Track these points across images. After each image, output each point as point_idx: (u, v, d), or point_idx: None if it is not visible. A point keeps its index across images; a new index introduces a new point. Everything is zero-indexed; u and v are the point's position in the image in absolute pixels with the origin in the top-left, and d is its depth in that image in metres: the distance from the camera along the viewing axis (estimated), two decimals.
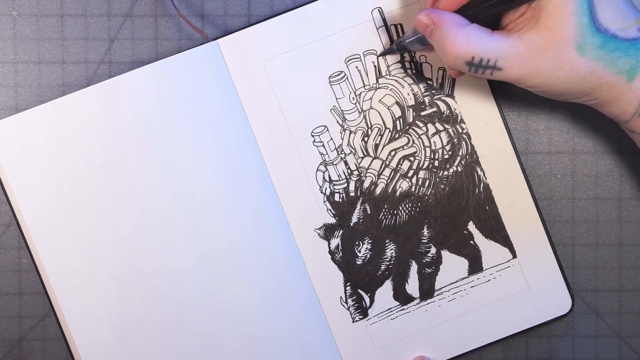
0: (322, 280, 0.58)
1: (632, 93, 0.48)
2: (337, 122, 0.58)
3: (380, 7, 0.57)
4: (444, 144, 0.58)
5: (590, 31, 0.47)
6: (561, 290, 0.58)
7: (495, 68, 0.47)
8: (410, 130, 0.58)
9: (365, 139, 0.58)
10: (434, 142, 0.58)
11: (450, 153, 0.58)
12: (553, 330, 0.60)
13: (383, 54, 0.58)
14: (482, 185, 0.58)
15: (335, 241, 0.58)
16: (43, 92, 0.59)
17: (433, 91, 0.58)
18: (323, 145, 0.58)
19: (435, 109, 0.58)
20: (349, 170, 0.58)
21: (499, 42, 0.47)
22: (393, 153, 0.58)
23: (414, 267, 0.58)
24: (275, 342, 0.58)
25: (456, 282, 0.58)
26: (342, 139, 0.58)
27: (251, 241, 0.58)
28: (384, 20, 0.57)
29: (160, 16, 0.59)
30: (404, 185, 0.58)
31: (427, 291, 0.58)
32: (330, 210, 0.58)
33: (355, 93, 0.58)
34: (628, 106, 0.49)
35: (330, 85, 0.58)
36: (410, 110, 0.58)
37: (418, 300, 0.59)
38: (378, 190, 0.58)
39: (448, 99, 0.58)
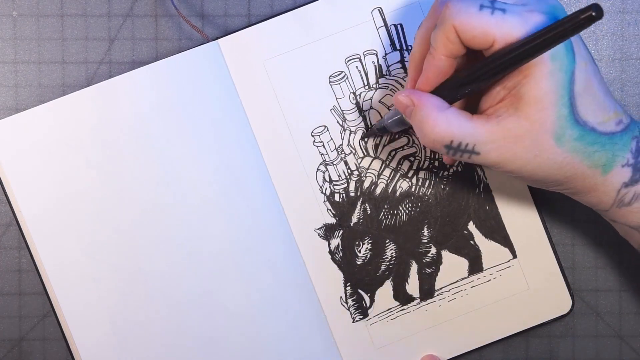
0: (322, 280, 0.58)
1: (608, 186, 0.48)
2: (337, 122, 0.58)
3: (380, 7, 0.57)
4: None
5: (569, 123, 0.46)
6: (561, 290, 0.58)
7: (473, 152, 0.47)
8: (410, 130, 0.58)
9: (366, 139, 0.58)
10: None
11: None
12: (553, 330, 0.60)
13: (364, 137, 0.58)
14: (482, 185, 0.58)
15: (335, 241, 0.58)
16: (43, 92, 0.59)
17: None
18: (323, 145, 0.58)
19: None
20: (349, 170, 0.58)
21: (477, 127, 0.47)
22: (393, 153, 0.58)
23: (414, 267, 0.58)
24: (275, 342, 0.58)
25: (456, 282, 0.58)
26: (342, 139, 0.58)
27: (251, 241, 0.58)
28: (384, 20, 0.58)
29: (160, 16, 0.59)
30: (404, 185, 0.58)
31: (427, 291, 0.59)
32: (330, 210, 0.58)
33: (355, 93, 0.58)
34: (605, 197, 0.49)
35: (330, 85, 0.58)
36: None
37: (418, 301, 0.59)
38: (378, 190, 0.58)
39: None
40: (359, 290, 0.59)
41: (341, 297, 0.58)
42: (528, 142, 0.46)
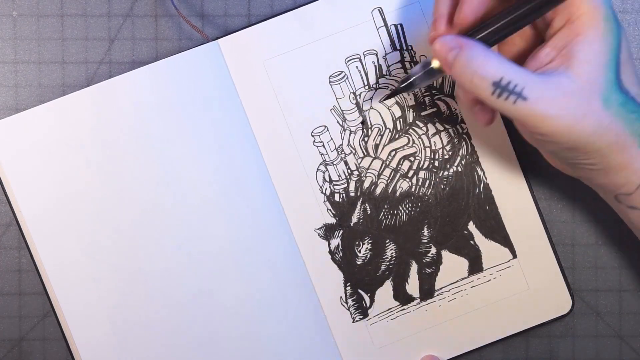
0: (322, 280, 0.58)
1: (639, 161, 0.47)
2: (337, 122, 0.58)
3: (381, 7, 0.57)
4: (444, 144, 0.58)
5: (615, 87, 0.46)
6: (561, 290, 0.58)
7: (520, 96, 0.45)
8: (411, 130, 0.58)
9: (366, 139, 0.58)
10: (434, 142, 0.58)
11: (450, 153, 0.58)
12: (553, 330, 0.60)
13: (388, 97, 0.57)
14: (482, 185, 0.58)
15: (335, 241, 0.58)
16: (43, 92, 0.59)
17: (433, 91, 0.58)
18: (323, 145, 0.58)
19: (435, 109, 0.58)
20: (349, 170, 0.58)
21: (528, 73, 0.46)
22: (393, 153, 0.58)
23: (414, 267, 0.58)
24: (275, 342, 0.58)
25: (456, 282, 0.58)
26: (342, 139, 0.58)
27: (251, 241, 0.58)
28: (384, 20, 0.57)
29: (160, 16, 0.59)
30: (404, 185, 0.58)
31: (427, 291, 0.58)
32: (330, 210, 0.58)
33: (355, 93, 0.58)
34: (633, 176, 0.48)
35: (330, 85, 0.58)
36: (411, 110, 0.58)
37: (418, 300, 0.59)
38: (378, 190, 0.58)
39: (448, 99, 0.58)
40: (359, 290, 0.59)
41: (341, 297, 0.58)
42: (578, 100, 0.45)
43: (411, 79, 0.52)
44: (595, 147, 0.47)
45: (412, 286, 0.59)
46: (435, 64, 0.50)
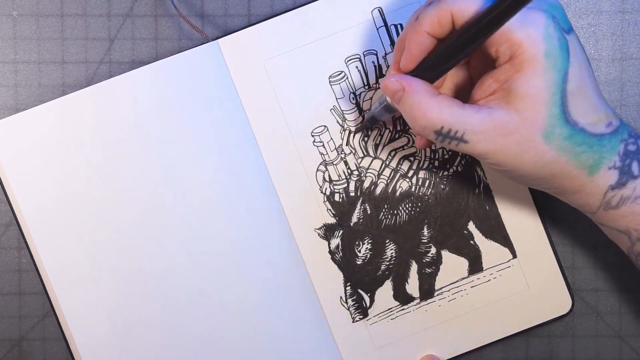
0: (322, 280, 0.58)
1: (594, 187, 0.48)
2: (337, 122, 0.58)
3: (380, 7, 0.57)
4: None
5: (560, 122, 0.46)
6: (561, 290, 0.58)
7: (462, 140, 0.47)
8: (410, 130, 0.58)
9: (365, 139, 0.58)
10: None
11: (450, 153, 0.58)
12: (553, 330, 0.60)
13: (357, 131, 0.58)
14: (482, 185, 0.58)
15: (335, 241, 0.58)
16: (43, 92, 0.59)
17: None
18: (323, 145, 0.58)
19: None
20: (349, 170, 0.58)
21: (468, 116, 0.46)
22: (393, 153, 0.58)
23: (414, 267, 0.58)
24: (275, 342, 0.58)
25: (456, 282, 0.58)
26: (342, 139, 0.58)
27: (251, 241, 0.58)
28: (384, 20, 0.58)
29: (160, 16, 0.59)
30: (404, 185, 0.58)
31: (427, 291, 0.59)
32: (330, 210, 0.58)
33: (355, 93, 0.58)
34: (591, 199, 0.49)
35: (330, 85, 0.58)
36: None
37: (418, 300, 0.59)
38: (378, 190, 0.58)
39: None
40: (359, 290, 0.59)
41: (341, 297, 0.58)
42: (517, 137, 0.46)
43: (372, 115, 0.55)
44: (541, 177, 0.48)
45: (412, 286, 0.59)
46: (389, 100, 0.51)
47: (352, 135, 0.58)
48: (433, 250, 0.58)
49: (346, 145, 0.58)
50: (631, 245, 0.50)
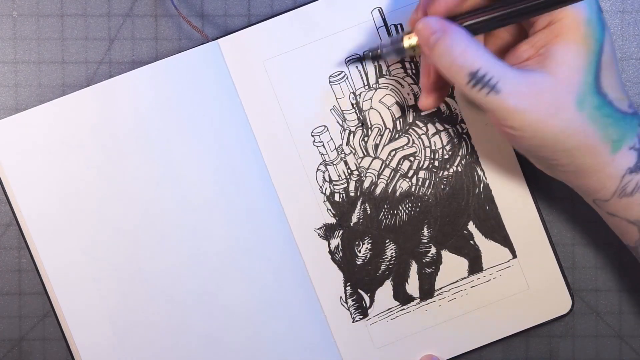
0: (322, 280, 0.58)
1: (614, 167, 0.47)
2: (337, 122, 0.58)
3: (380, 7, 0.57)
4: (444, 144, 0.58)
5: (592, 90, 0.46)
6: (561, 290, 0.58)
7: (494, 89, 0.45)
8: (410, 130, 0.58)
9: (365, 139, 0.58)
10: (434, 142, 0.58)
11: (450, 153, 0.58)
12: (553, 330, 0.60)
13: (350, 61, 0.57)
14: (482, 185, 0.58)
15: (335, 241, 0.58)
16: (43, 92, 0.59)
17: None
18: (323, 145, 0.58)
19: (435, 109, 0.58)
20: (349, 170, 0.58)
21: (505, 66, 0.46)
22: (393, 153, 0.58)
23: (414, 267, 0.58)
24: (275, 342, 0.58)
25: (456, 282, 0.58)
26: (342, 139, 0.58)
27: (251, 241, 0.58)
28: (384, 20, 0.58)
29: (160, 16, 0.59)
30: (404, 185, 0.58)
31: (427, 291, 0.58)
32: (330, 210, 0.58)
33: (355, 93, 0.58)
34: (609, 181, 0.48)
35: (330, 85, 0.58)
36: (410, 110, 0.58)
37: (418, 300, 0.59)
38: (378, 190, 0.58)
39: (448, 99, 0.58)
40: (359, 290, 0.59)
41: (341, 297, 0.58)
42: (550, 97, 0.45)
43: (378, 51, 0.52)
44: (564, 147, 0.47)
45: (412, 286, 0.59)
46: (406, 43, 0.49)
47: (352, 135, 0.58)
48: (433, 250, 0.58)
49: (346, 145, 0.58)
50: (639, 237, 0.50)
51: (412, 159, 0.58)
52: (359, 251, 0.58)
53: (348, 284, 0.58)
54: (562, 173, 0.50)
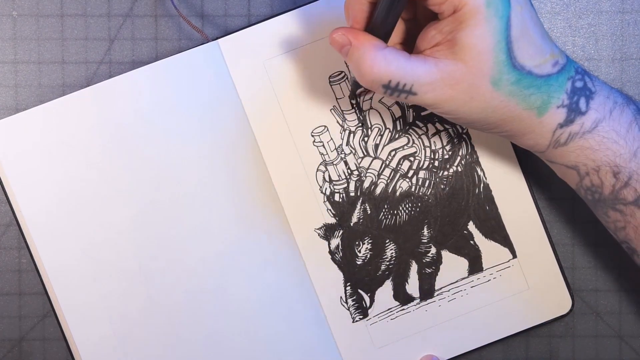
0: (322, 280, 0.58)
1: (543, 127, 0.49)
2: (337, 122, 0.58)
3: None
4: (444, 144, 0.58)
5: (507, 68, 0.47)
6: (561, 290, 0.58)
7: (410, 92, 0.47)
8: (410, 130, 0.58)
9: (365, 139, 0.58)
10: (434, 142, 0.58)
11: (450, 153, 0.58)
12: (553, 330, 0.60)
13: (351, 97, 0.58)
14: (482, 185, 0.58)
15: (335, 241, 0.58)
16: (43, 92, 0.59)
17: None
18: (323, 145, 0.58)
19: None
20: (349, 170, 0.58)
21: (415, 68, 0.47)
22: (393, 153, 0.58)
23: (414, 267, 0.58)
24: (275, 342, 0.58)
25: (456, 282, 0.58)
26: (342, 139, 0.58)
27: (250, 241, 0.58)
28: None
29: (160, 16, 0.59)
30: (404, 185, 0.58)
31: (427, 291, 0.59)
32: (330, 210, 0.58)
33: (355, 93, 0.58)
34: (541, 139, 0.50)
35: (330, 85, 0.58)
36: (410, 110, 0.58)
37: (418, 300, 0.59)
38: (378, 190, 0.58)
39: None
40: (359, 290, 0.59)
41: (341, 297, 0.58)
42: (465, 86, 0.47)
43: (353, 78, 0.54)
44: (491, 122, 0.49)
45: (412, 286, 0.59)
46: None
47: (352, 135, 0.58)
48: (433, 250, 0.58)
49: (346, 145, 0.58)
50: (580, 180, 0.51)
51: (412, 159, 0.58)
52: (359, 251, 0.58)
53: (348, 284, 0.58)
54: (499, 136, 0.51)
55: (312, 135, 0.58)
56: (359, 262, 0.58)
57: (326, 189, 0.58)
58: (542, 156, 0.52)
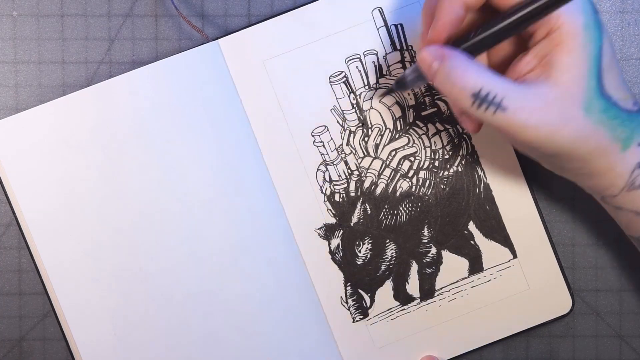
0: (322, 280, 0.58)
1: (624, 165, 0.48)
2: (338, 122, 0.58)
3: (381, 7, 0.57)
4: (444, 144, 0.58)
5: (597, 94, 0.46)
6: (561, 290, 0.58)
7: (499, 107, 0.46)
8: (411, 130, 0.58)
9: (366, 139, 0.58)
10: (434, 142, 0.58)
11: (450, 153, 0.58)
12: (553, 330, 0.60)
13: (383, 95, 0.57)
14: (482, 185, 0.58)
15: (336, 241, 0.58)
16: (43, 92, 0.59)
17: (433, 91, 0.58)
18: (323, 145, 0.58)
19: (435, 109, 0.58)
20: (349, 170, 0.58)
21: (508, 83, 0.46)
22: (393, 153, 0.58)
23: (414, 267, 0.58)
24: (275, 342, 0.58)
25: (456, 282, 0.58)
26: (343, 139, 0.58)
27: (251, 241, 0.58)
28: (384, 20, 0.58)
29: (160, 16, 0.59)
30: (404, 185, 0.58)
31: (428, 291, 0.59)
32: (330, 210, 0.58)
33: (355, 93, 0.58)
34: (618, 179, 0.48)
35: (331, 85, 0.58)
36: (411, 110, 0.58)
37: (418, 300, 0.59)
38: (378, 190, 0.58)
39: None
40: (359, 290, 0.59)
41: (341, 297, 0.58)
42: (558, 109, 0.46)
43: (403, 80, 0.53)
44: (578, 154, 0.47)
45: (413, 286, 0.59)
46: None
47: (352, 135, 0.58)
48: (433, 250, 0.58)
49: (346, 145, 0.58)
50: None
51: (412, 159, 0.58)
52: (359, 251, 0.58)
53: (348, 284, 0.58)
54: (573, 175, 0.50)
55: (312, 135, 0.58)
56: (359, 262, 0.58)
57: (326, 189, 0.58)
58: (612, 201, 0.50)
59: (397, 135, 0.58)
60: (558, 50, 0.46)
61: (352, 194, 0.58)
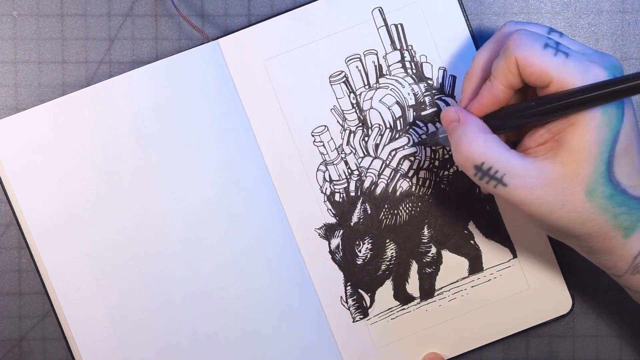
0: (322, 280, 0.58)
1: (626, 250, 0.47)
2: (338, 122, 0.58)
3: (381, 7, 0.57)
4: None
5: (603, 180, 0.46)
6: (561, 290, 0.58)
7: (500, 182, 0.46)
8: (411, 130, 0.58)
9: (366, 138, 0.58)
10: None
11: (450, 153, 0.58)
12: (553, 330, 0.60)
13: (418, 144, 0.58)
14: None
15: (336, 241, 0.58)
16: (43, 92, 0.59)
17: (433, 91, 0.58)
18: (323, 145, 0.58)
19: (435, 109, 0.58)
20: (349, 170, 0.58)
21: (512, 159, 0.46)
22: (393, 153, 0.58)
23: (414, 266, 0.58)
24: (275, 342, 0.58)
25: (456, 282, 0.58)
26: (343, 139, 0.58)
27: (251, 241, 0.58)
28: (384, 20, 0.58)
29: (160, 16, 0.59)
30: (404, 185, 0.58)
31: (428, 291, 0.59)
32: (330, 210, 0.58)
33: (355, 93, 0.58)
34: (620, 261, 0.48)
35: (331, 85, 0.58)
36: (411, 110, 0.58)
37: (418, 300, 0.59)
38: (378, 190, 0.58)
39: (448, 99, 0.58)
40: (359, 290, 0.59)
41: (341, 297, 0.58)
42: (559, 189, 0.46)
43: (435, 138, 0.56)
44: (574, 234, 0.48)
45: (413, 286, 0.59)
46: None
47: (352, 134, 0.58)
48: (433, 250, 0.58)
49: (346, 145, 0.58)
50: None
51: (412, 159, 0.58)
52: (360, 251, 0.58)
53: (348, 283, 0.58)
54: (578, 249, 0.50)
55: (312, 135, 0.58)
56: (359, 262, 0.58)
57: (326, 188, 0.58)
58: (618, 280, 0.50)
59: (397, 135, 0.58)
60: (570, 130, 0.45)
61: (352, 194, 0.58)
